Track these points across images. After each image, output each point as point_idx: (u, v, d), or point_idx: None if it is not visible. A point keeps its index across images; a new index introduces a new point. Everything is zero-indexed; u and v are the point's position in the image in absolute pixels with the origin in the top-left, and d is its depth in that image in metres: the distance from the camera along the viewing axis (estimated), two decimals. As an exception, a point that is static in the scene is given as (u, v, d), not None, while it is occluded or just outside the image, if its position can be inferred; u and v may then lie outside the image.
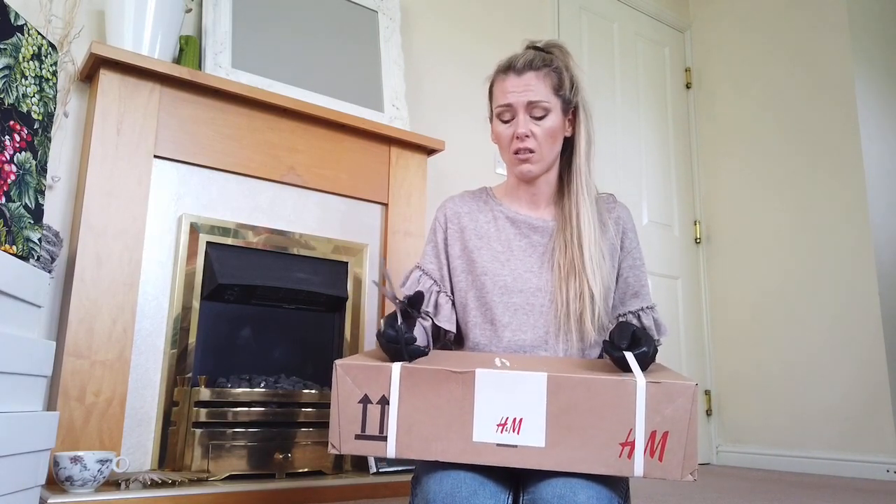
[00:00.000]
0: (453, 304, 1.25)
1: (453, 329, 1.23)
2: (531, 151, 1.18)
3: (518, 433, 0.87)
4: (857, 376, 2.73)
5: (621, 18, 3.40)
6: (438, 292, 1.23)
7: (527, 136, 1.18)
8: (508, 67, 1.21)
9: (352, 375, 0.91)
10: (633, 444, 0.85)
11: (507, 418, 0.87)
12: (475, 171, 2.63)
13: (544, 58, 1.21)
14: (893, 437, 2.59)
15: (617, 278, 1.25)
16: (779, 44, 3.21)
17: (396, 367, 0.90)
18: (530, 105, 1.18)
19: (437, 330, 1.23)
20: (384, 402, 0.90)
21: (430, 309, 1.22)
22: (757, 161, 3.24)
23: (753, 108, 3.29)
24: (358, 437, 0.90)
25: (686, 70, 3.63)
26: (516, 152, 1.19)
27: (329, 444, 0.91)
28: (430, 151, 2.32)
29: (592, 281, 1.15)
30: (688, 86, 3.61)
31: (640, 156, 3.31)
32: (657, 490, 2.13)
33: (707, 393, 3.28)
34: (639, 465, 0.85)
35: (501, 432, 0.87)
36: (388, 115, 2.27)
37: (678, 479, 0.85)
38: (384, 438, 0.89)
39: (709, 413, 3.25)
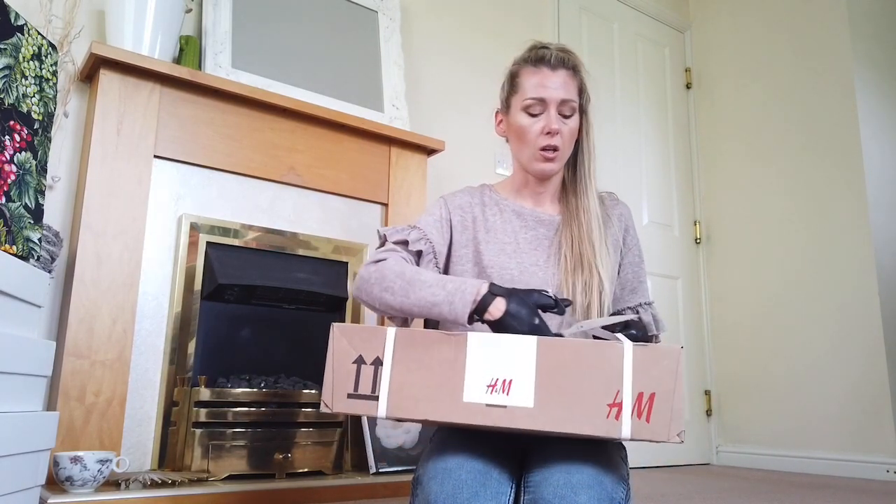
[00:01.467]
0: None
1: None
2: (556, 150, 1.19)
3: (507, 394, 0.88)
4: (857, 376, 2.73)
5: (621, 18, 3.40)
6: (435, 264, 1.20)
7: (557, 133, 1.18)
8: (539, 61, 1.20)
9: (348, 337, 0.94)
10: (620, 405, 0.86)
11: (497, 379, 0.89)
12: (475, 172, 2.63)
13: (573, 61, 1.22)
14: (893, 437, 2.59)
15: (617, 274, 1.27)
16: (779, 44, 3.21)
17: (392, 330, 0.93)
18: (563, 103, 1.18)
19: None
20: (378, 363, 0.92)
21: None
22: (757, 161, 3.24)
23: (753, 109, 3.29)
24: (350, 395, 0.92)
25: (686, 70, 3.63)
26: (544, 149, 1.19)
27: (321, 403, 0.93)
28: (430, 151, 2.32)
29: (603, 273, 1.16)
30: (688, 86, 3.61)
31: (640, 156, 3.31)
32: (657, 490, 2.13)
33: (707, 393, 3.28)
34: (626, 427, 0.86)
35: (491, 393, 0.89)
36: (388, 115, 2.27)
37: (666, 439, 0.85)
38: (375, 398, 0.91)
39: (709, 413, 3.25)
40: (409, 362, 0.92)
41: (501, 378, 0.89)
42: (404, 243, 1.17)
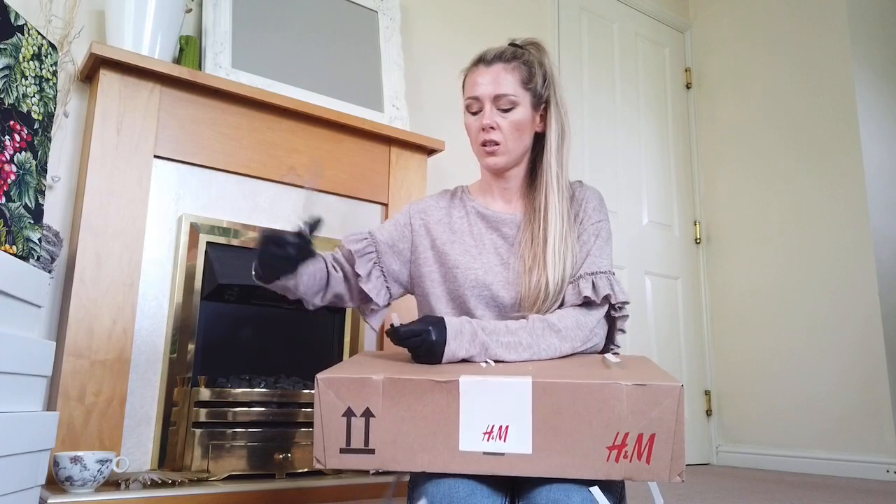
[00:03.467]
0: (386, 282, 1.28)
1: (379, 303, 1.27)
2: (496, 144, 1.20)
3: (505, 441, 0.86)
4: (857, 377, 2.73)
5: (621, 19, 3.40)
6: (375, 263, 1.26)
7: (492, 128, 1.19)
8: (479, 60, 1.23)
9: (334, 389, 0.90)
10: (619, 448, 0.85)
11: (494, 426, 0.87)
12: (475, 172, 2.63)
13: (515, 52, 1.22)
14: (893, 437, 2.59)
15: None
16: (779, 44, 3.21)
17: (379, 379, 0.90)
18: (497, 98, 1.19)
19: (363, 292, 1.26)
20: (368, 414, 0.89)
21: (363, 273, 1.24)
22: (757, 161, 3.24)
23: (753, 109, 3.29)
24: (343, 450, 0.89)
25: (686, 70, 3.63)
26: (483, 144, 1.21)
27: (314, 459, 0.90)
28: (430, 151, 2.32)
29: (552, 273, 1.13)
30: (688, 86, 3.61)
31: (640, 156, 3.31)
32: (657, 490, 2.13)
33: (707, 393, 3.28)
34: (626, 469, 0.85)
35: (488, 440, 0.86)
36: (388, 115, 2.27)
37: (666, 480, 0.85)
38: (370, 451, 0.89)
39: (709, 413, 3.25)
40: (401, 412, 0.89)
41: (497, 424, 0.87)
42: (349, 251, 1.28)
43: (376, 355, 1.13)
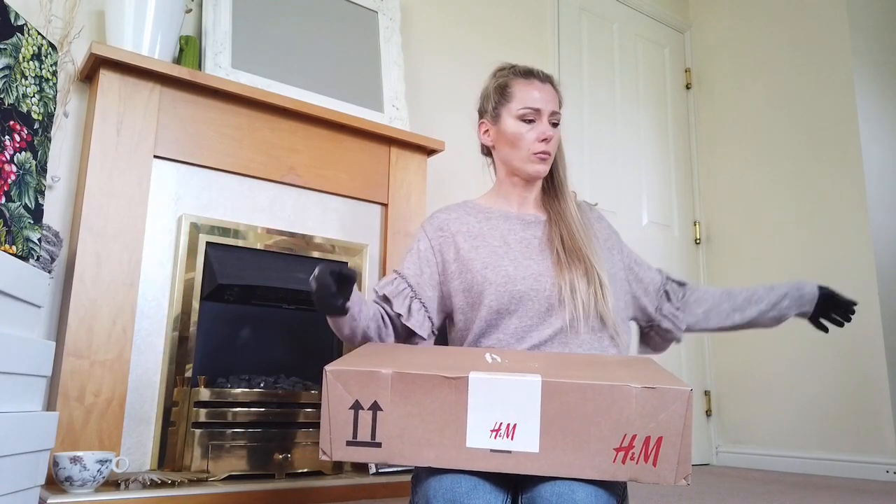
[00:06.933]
0: (427, 312, 1.27)
1: (424, 336, 1.26)
2: (549, 154, 1.30)
3: (512, 439, 0.86)
4: (856, 377, 2.73)
5: (621, 19, 3.40)
6: (412, 298, 1.26)
7: (550, 139, 1.30)
8: (530, 74, 1.33)
9: (343, 382, 0.90)
10: (627, 450, 0.85)
11: (501, 424, 0.87)
12: (475, 172, 2.62)
13: (554, 80, 1.36)
14: (893, 437, 2.59)
15: (625, 269, 1.36)
16: (778, 44, 3.21)
17: (388, 373, 0.90)
18: (553, 114, 1.31)
19: (408, 330, 1.25)
20: (376, 407, 0.89)
21: (403, 311, 1.24)
22: (757, 161, 3.24)
23: (753, 109, 3.29)
24: (349, 443, 0.89)
25: (686, 71, 3.63)
26: (538, 152, 1.29)
27: (320, 451, 0.90)
28: (429, 152, 2.32)
29: (598, 268, 1.23)
30: (688, 86, 3.61)
31: (640, 156, 3.31)
32: (655, 490, 2.13)
33: (707, 393, 3.28)
34: (633, 471, 0.85)
35: (495, 438, 0.86)
36: (388, 115, 2.27)
37: (672, 484, 0.85)
38: (376, 445, 0.89)
39: (709, 413, 3.25)
40: (409, 406, 0.88)
41: (505, 422, 0.86)
42: (383, 296, 1.27)
43: (385, 347, 1.12)
